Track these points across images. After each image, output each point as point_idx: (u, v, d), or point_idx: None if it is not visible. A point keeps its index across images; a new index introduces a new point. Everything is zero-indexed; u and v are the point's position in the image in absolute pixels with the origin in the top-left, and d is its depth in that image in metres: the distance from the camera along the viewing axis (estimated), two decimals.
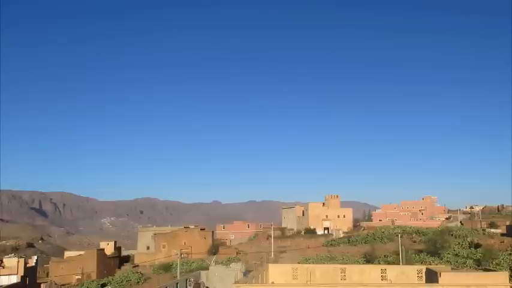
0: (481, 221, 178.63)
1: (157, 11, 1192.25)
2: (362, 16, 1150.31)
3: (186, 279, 73.66)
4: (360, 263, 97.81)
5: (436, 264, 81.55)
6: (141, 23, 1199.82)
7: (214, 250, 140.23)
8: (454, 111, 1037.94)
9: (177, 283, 70.38)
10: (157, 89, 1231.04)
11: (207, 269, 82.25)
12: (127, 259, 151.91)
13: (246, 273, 68.33)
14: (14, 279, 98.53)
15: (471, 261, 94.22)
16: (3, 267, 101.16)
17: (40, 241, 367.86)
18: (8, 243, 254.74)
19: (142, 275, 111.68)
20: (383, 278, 59.51)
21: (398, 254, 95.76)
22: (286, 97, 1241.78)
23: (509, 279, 54.92)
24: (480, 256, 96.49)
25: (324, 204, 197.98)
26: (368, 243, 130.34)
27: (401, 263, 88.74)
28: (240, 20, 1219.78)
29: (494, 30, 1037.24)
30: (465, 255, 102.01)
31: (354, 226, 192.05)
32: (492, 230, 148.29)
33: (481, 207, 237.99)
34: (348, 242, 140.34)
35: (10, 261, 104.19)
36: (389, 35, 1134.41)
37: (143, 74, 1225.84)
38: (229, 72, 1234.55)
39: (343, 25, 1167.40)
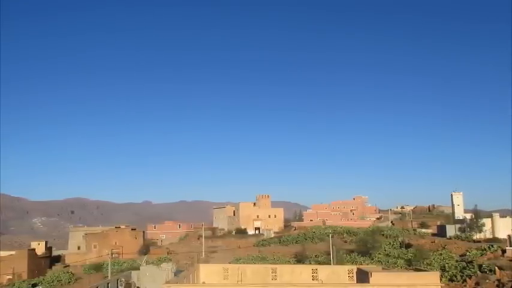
0: (412, 221, 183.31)
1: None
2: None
3: (117, 279, 72.78)
4: (290, 263, 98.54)
5: (367, 264, 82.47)
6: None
7: (145, 250, 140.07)
8: (384, 113, 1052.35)
9: (108, 283, 70.11)
10: (91, 88, 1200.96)
11: (138, 269, 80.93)
12: (58, 259, 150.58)
13: (177, 273, 67.43)
14: None
15: (402, 261, 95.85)
16: None
17: None
18: None
19: (73, 275, 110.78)
20: (314, 278, 59.59)
21: (330, 254, 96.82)
22: (216, 97, 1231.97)
23: (440, 279, 55.79)
24: (411, 256, 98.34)
25: (254, 204, 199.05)
26: (299, 243, 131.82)
27: (332, 263, 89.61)
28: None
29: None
30: (396, 255, 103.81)
31: (285, 226, 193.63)
32: (423, 230, 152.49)
33: (412, 208, 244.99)
34: (279, 242, 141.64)
35: None
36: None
37: (81, 72, 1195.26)
38: (161, 71, 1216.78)
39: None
